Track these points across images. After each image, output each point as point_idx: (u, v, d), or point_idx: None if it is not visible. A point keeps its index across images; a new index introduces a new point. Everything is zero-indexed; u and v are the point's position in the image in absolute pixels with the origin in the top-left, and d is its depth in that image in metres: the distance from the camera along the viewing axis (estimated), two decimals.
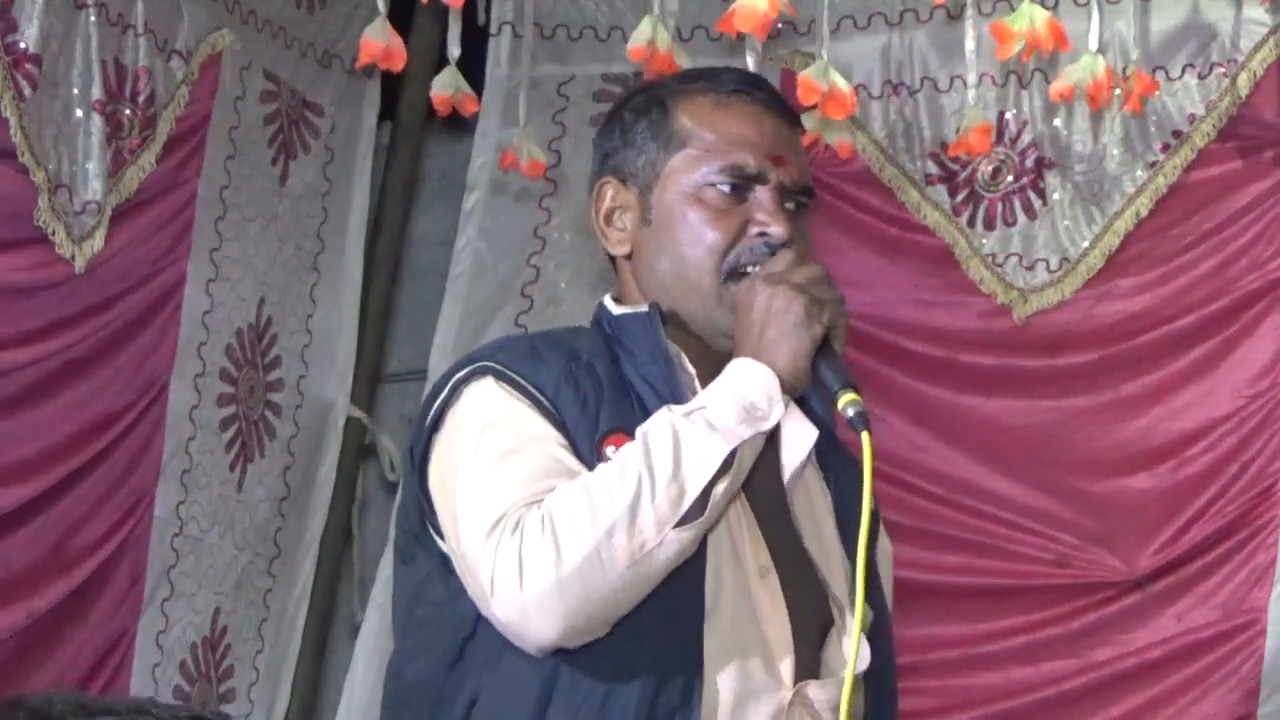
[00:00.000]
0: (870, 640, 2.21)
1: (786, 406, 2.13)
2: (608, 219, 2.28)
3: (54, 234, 3.38)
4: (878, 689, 2.24)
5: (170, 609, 3.76)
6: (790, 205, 2.23)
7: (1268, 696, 3.47)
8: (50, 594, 3.46)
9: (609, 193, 2.28)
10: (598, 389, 2.15)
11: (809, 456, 2.21)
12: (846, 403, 2.08)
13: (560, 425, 2.11)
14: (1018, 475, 3.71)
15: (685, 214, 2.21)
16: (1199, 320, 3.61)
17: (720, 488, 2.04)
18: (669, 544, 2.01)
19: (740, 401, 2.07)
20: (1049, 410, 3.71)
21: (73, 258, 3.42)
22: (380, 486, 4.35)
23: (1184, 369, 3.62)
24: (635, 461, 2.02)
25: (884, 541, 2.42)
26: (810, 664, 2.15)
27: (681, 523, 2.01)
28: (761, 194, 2.21)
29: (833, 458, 2.29)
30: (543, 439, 2.10)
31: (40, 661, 3.45)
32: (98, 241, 3.46)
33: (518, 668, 2.08)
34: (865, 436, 2.05)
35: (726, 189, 2.20)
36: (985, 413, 3.76)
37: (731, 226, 2.20)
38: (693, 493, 2.02)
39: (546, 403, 2.12)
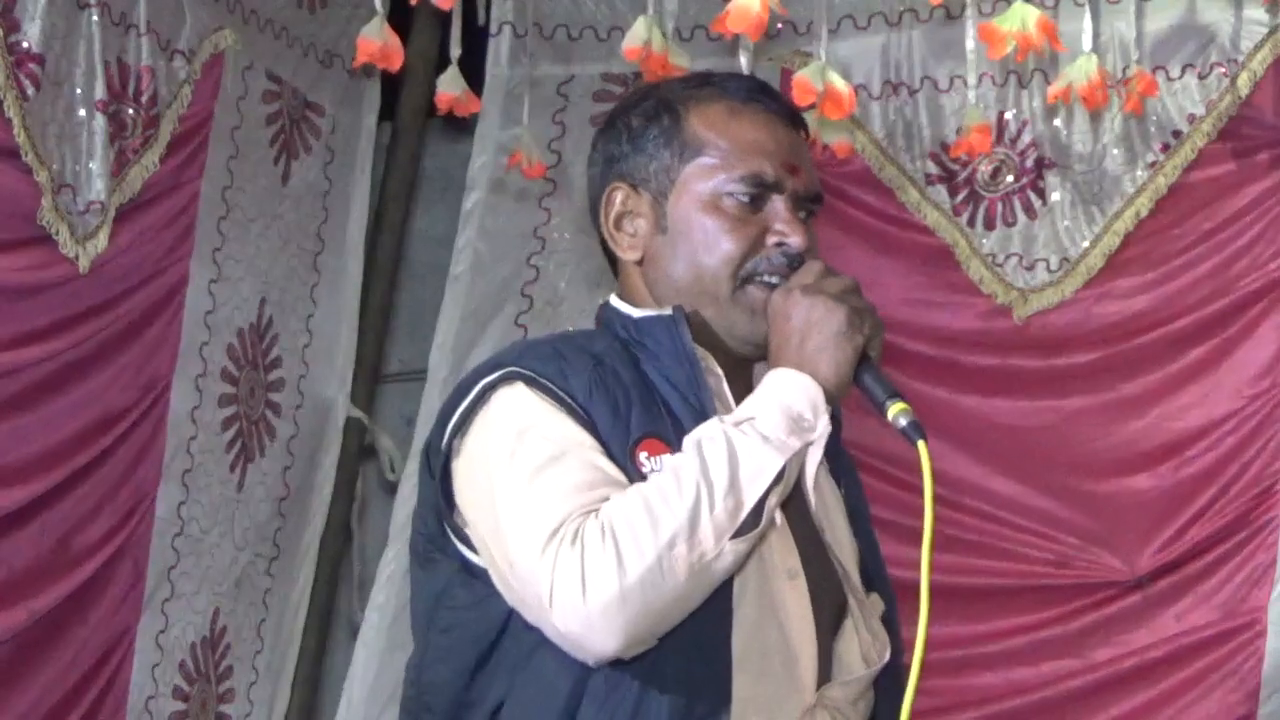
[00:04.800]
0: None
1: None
2: (617, 223, 2.26)
3: (57, 234, 3.38)
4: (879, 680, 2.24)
5: (170, 609, 3.76)
6: (802, 214, 2.22)
7: (1268, 697, 3.47)
8: (51, 594, 3.46)
9: (619, 197, 2.26)
10: (626, 394, 2.13)
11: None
12: (898, 412, 2.08)
13: (594, 431, 2.09)
14: (1018, 475, 3.72)
15: (703, 223, 2.20)
16: (1199, 320, 3.61)
17: (772, 500, 2.04)
18: (726, 555, 2.00)
19: (788, 412, 2.06)
20: (1049, 410, 3.71)
21: (76, 258, 3.43)
22: (380, 486, 4.35)
23: (1184, 369, 3.62)
24: (692, 471, 2.01)
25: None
26: (825, 659, 2.15)
27: (738, 534, 2.01)
28: (778, 203, 2.20)
29: (832, 448, 2.29)
30: (580, 445, 2.08)
31: (41, 661, 3.45)
32: (101, 241, 3.47)
33: (548, 671, 2.06)
34: (922, 445, 2.05)
35: (745, 198, 2.19)
36: (985, 413, 3.76)
37: (749, 236, 2.19)
38: (749, 504, 2.01)
39: (579, 408, 2.10)
